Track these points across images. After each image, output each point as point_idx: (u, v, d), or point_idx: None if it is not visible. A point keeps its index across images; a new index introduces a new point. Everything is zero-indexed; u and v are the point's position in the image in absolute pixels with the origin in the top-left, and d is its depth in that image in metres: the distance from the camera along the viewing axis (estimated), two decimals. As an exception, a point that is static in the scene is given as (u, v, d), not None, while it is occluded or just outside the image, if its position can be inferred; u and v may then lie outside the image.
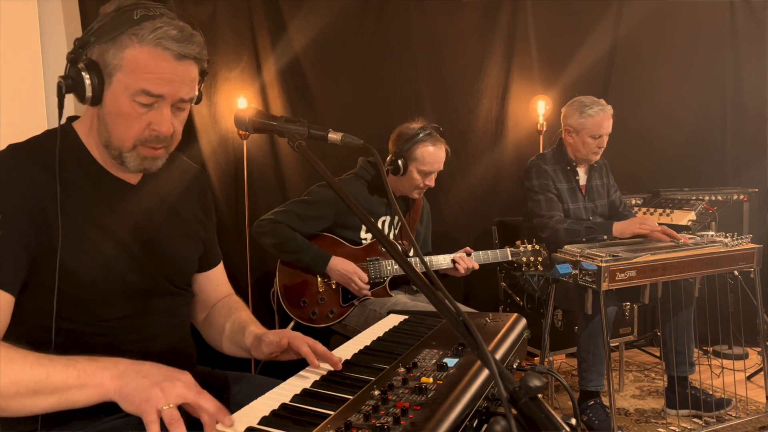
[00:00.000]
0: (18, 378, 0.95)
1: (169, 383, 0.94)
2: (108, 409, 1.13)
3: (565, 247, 2.59)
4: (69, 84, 1.12)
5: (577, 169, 2.94)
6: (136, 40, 1.09)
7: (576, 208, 2.90)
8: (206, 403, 0.94)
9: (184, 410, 0.94)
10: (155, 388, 0.93)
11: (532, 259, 2.63)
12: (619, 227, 2.73)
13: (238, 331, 1.36)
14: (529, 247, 2.64)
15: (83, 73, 1.10)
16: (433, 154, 2.47)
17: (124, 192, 1.25)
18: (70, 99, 1.16)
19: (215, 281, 1.50)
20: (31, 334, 1.11)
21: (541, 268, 2.64)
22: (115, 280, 1.19)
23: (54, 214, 1.10)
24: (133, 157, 1.17)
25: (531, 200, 2.88)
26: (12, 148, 1.16)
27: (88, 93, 1.11)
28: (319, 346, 1.23)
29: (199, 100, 1.26)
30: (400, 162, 2.46)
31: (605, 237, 2.70)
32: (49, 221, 1.10)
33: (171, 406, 0.91)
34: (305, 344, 1.23)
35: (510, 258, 2.64)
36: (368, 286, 2.41)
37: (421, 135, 2.45)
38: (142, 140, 1.16)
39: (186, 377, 0.97)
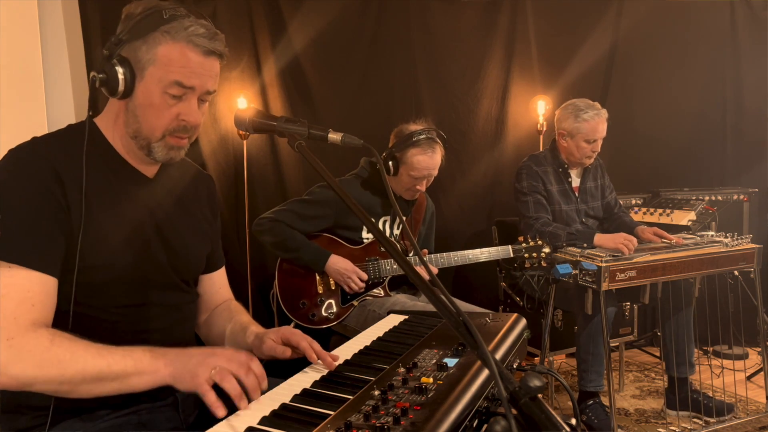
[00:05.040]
0: (83, 368, 1.05)
1: (213, 358, 1.06)
2: (108, 406, 1.16)
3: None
4: (102, 79, 1.18)
5: (570, 171, 2.92)
6: (168, 37, 1.17)
7: (568, 210, 2.89)
8: (245, 378, 1.04)
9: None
10: (200, 365, 1.05)
11: (534, 255, 2.58)
12: (601, 239, 2.64)
13: (239, 331, 1.39)
14: (531, 243, 2.60)
15: (117, 68, 1.17)
16: (423, 161, 2.40)
17: (141, 183, 1.30)
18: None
19: (217, 284, 1.53)
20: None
21: (545, 264, 2.61)
22: (127, 267, 1.22)
23: (74, 200, 1.15)
24: (161, 146, 1.24)
25: (519, 201, 2.87)
26: (36, 138, 1.22)
27: (121, 87, 1.18)
28: (316, 346, 1.25)
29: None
30: (391, 163, 2.43)
31: (585, 245, 2.65)
32: (70, 207, 1.15)
33: (217, 369, 1.03)
34: (304, 340, 1.26)
35: (511, 255, 2.60)
36: (364, 285, 2.40)
37: (415, 139, 2.39)
38: (171, 130, 1.22)
39: (228, 352, 1.08)
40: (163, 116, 1.20)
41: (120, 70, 1.17)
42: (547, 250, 2.58)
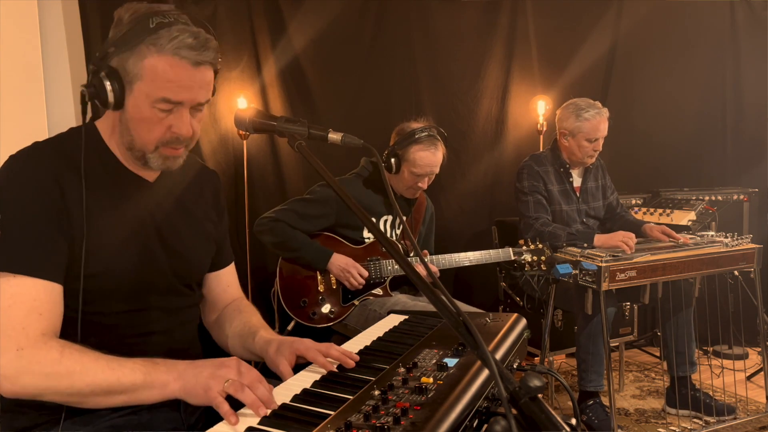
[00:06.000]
0: (93, 381, 1.05)
1: (223, 370, 1.05)
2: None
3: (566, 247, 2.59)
4: (92, 92, 1.16)
5: (572, 171, 2.92)
6: (154, 49, 1.12)
7: (569, 210, 2.89)
8: (256, 388, 1.02)
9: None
10: (212, 378, 1.04)
11: (534, 258, 2.59)
12: (601, 239, 2.64)
13: (248, 335, 1.38)
14: (532, 246, 2.61)
15: (105, 81, 1.14)
16: (425, 158, 2.42)
17: (141, 188, 1.28)
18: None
19: (225, 282, 1.51)
20: None
21: (545, 268, 2.61)
22: (128, 273, 1.21)
23: (74, 207, 1.14)
24: (156, 157, 1.22)
25: (520, 201, 2.86)
26: (36, 143, 1.21)
27: (110, 99, 1.15)
28: (333, 351, 1.22)
29: (213, 93, 1.27)
30: (393, 161, 2.43)
31: (585, 245, 2.65)
32: (71, 213, 1.14)
33: (230, 381, 1.02)
34: (320, 354, 1.22)
35: (512, 257, 2.60)
36: (364, 282, 2.39)
37: (416, 136, 2.40)
38: (164, 142, 1.20)
39: (235, 363, 1.07)
40: (155, 129, 1.18)
41: (108, 83, 1.14)
42: (546, 254, 2.59)
